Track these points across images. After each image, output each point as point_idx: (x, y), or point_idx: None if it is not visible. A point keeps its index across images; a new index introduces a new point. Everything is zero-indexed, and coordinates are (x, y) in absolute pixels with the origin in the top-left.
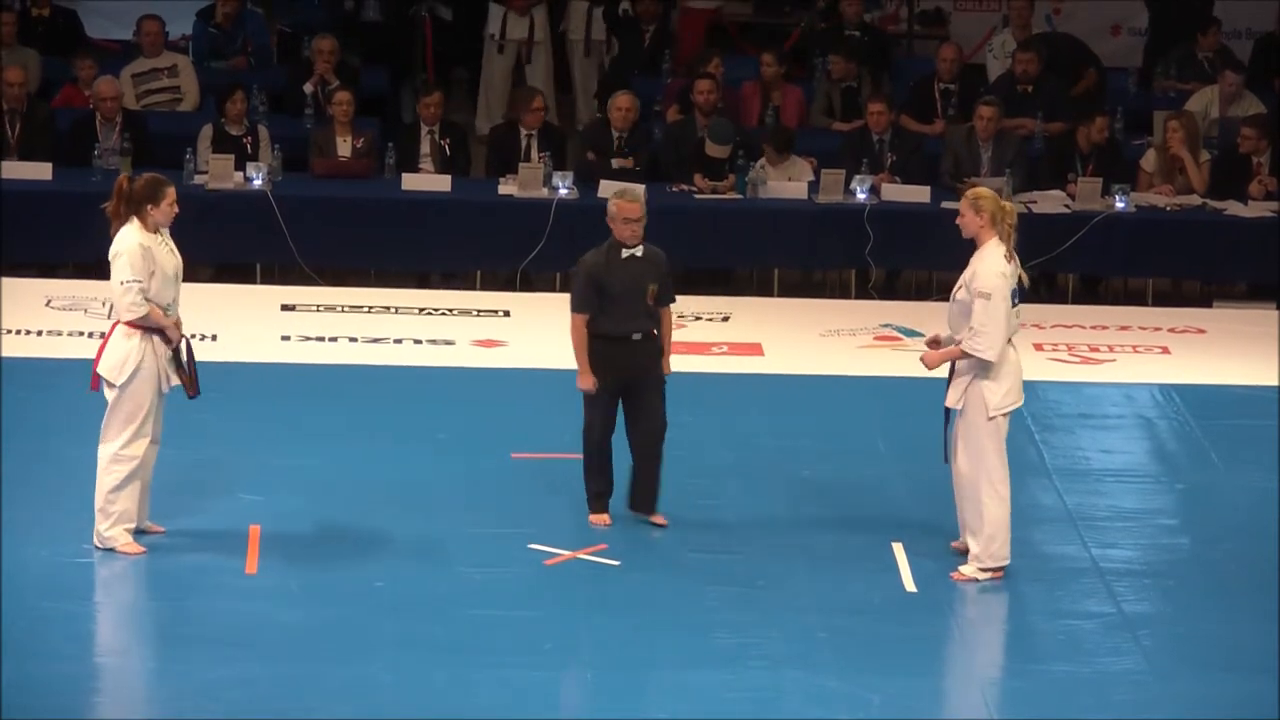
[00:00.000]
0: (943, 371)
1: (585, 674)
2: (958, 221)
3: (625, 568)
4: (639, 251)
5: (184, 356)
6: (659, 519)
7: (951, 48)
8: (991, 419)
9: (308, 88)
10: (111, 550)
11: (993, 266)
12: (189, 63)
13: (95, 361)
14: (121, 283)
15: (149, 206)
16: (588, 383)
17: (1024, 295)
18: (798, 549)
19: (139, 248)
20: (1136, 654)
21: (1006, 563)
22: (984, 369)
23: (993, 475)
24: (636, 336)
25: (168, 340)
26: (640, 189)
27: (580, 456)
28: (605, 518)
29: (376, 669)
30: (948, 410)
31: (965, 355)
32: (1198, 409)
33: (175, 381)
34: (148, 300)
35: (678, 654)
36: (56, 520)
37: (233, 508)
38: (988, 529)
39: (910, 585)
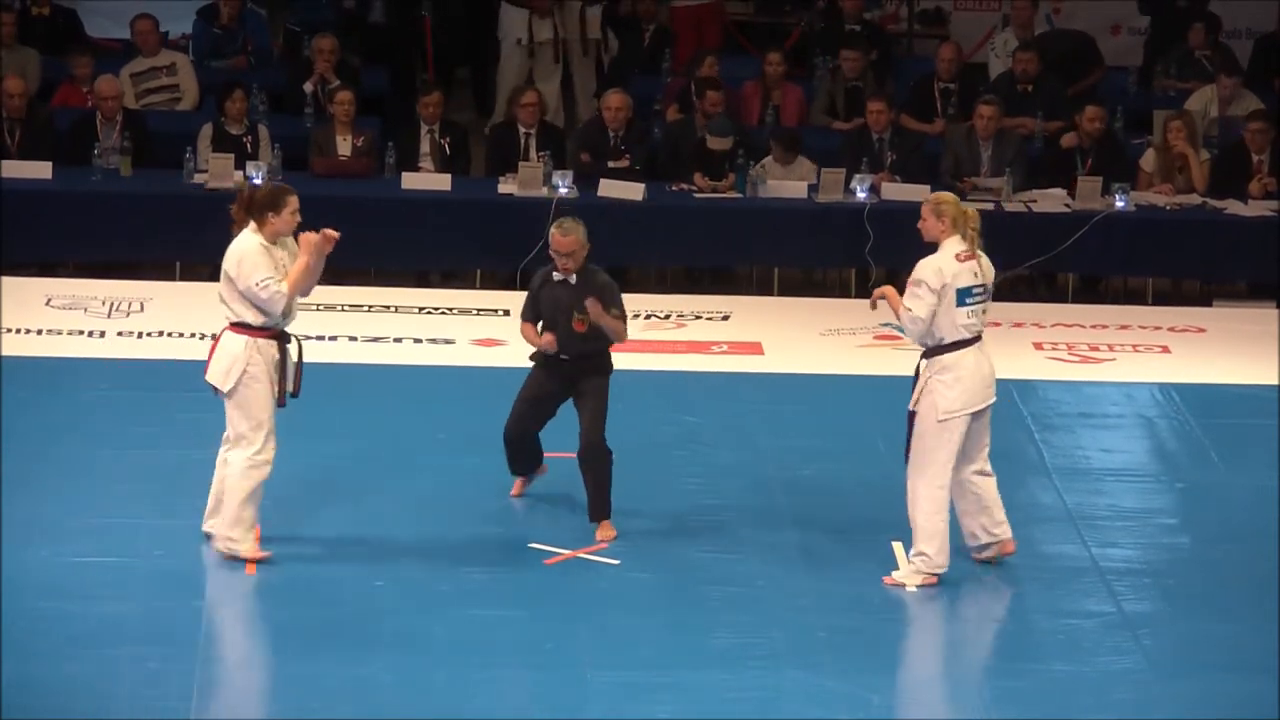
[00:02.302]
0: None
1: (585, 674)
2: (919, 226)
3: (625, 567)
4: (571, 279)
5: (292, 359)
6: (605, 531)
7: (951, 47)
8: (942, 421)
9: (308, 87)
10: (235, 557)
11: (933, 261)
12: (188, 62)
13: (205, 369)
14: (255, 284)
15: (269, 214)
16: (546, 340)
17: (996, 294)
18: (798, 549)
19: (259, 247)
20: (1136, 653)
21: (943, 570)
22: (941, 370)
23: (934, 479)
24: (564, 357)
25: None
26: (579, 226)
27: (575, 455)
28: (518, 484)
29: (376, 669)
30: (911, 413)
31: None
32: (1198, 408)
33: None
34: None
35: (678, 654)
36: (56, 520)
37: None
38: (928, 531)
39: (911, 587)
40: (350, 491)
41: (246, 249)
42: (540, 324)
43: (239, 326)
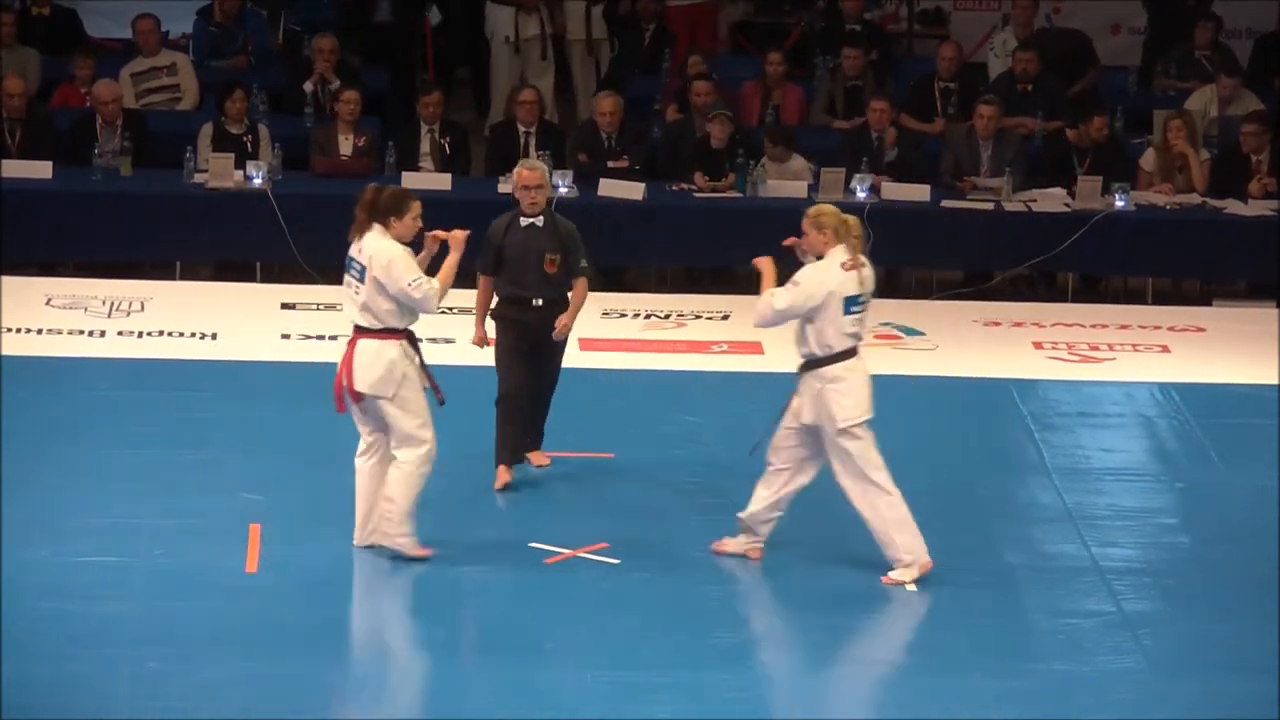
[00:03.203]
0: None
1: (585, 674)
2: (802, 243)
3: (625, 567)
4: (539, 221)
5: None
6: (540, 458)
7: (952, 46)
8: (842, 430)
9: (308, 87)
10: (400, 554)
11: (819, 269)
12: (188, 61)
13: (347, 380)
14: (409, 285)
15: (392, 219)
16: (477, 337)
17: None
18: (798, 548)
19: (402, 249)
20: (1136, 653)
21: (927, 558)
22: (834, 380)
23: (874, 480)
24: (537, 302)
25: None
26: (543, 164)
27: (581, 455)
28: (507, 474)
29: (376, 669)
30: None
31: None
32: (1197, 408)
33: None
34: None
35: (678, 654)
36: (56, 520)
37: (233, 508)
38: (892, 531)
39: (910, 585)
40: (350, 491)
41: (394, 252)
42: (502, 271)
43: (386, 333)
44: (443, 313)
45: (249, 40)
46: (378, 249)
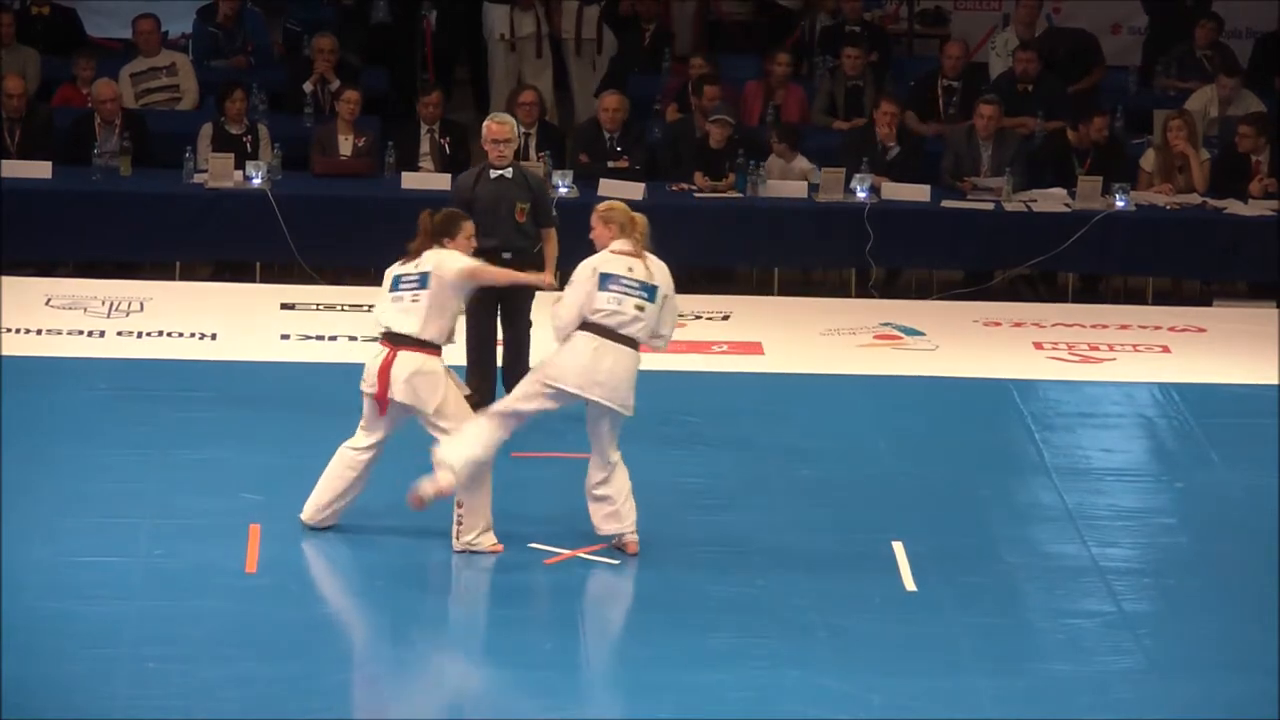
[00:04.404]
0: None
1: (585, 674)
2: (591, 236)
3: (625, 567)
4: (508, 172)
5: None
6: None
7: (958, 45)
8: (536, 381)
9: (308, 87)
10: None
11: (589, 260)
12: (188, 61)
13: (381, 388)
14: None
15: (446, 240)
16: None
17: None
18: (798, 548)
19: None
20: (1137, 653)
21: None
22: (565, 340)
23: (494, 408)
24: (506, 255)
25: None
26: (511, 118)
27: (581, 455)
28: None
29: (376, 669)
30: None
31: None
32: (1197, 408)
33: None
34: None
35: (678, 654)
36: (56, 520)
37: (233, 508)
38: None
39: (910, 585)
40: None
41: (465, 261)
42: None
43: (430, 348)
44: None
45: (249, 40)
46: (444, 257)
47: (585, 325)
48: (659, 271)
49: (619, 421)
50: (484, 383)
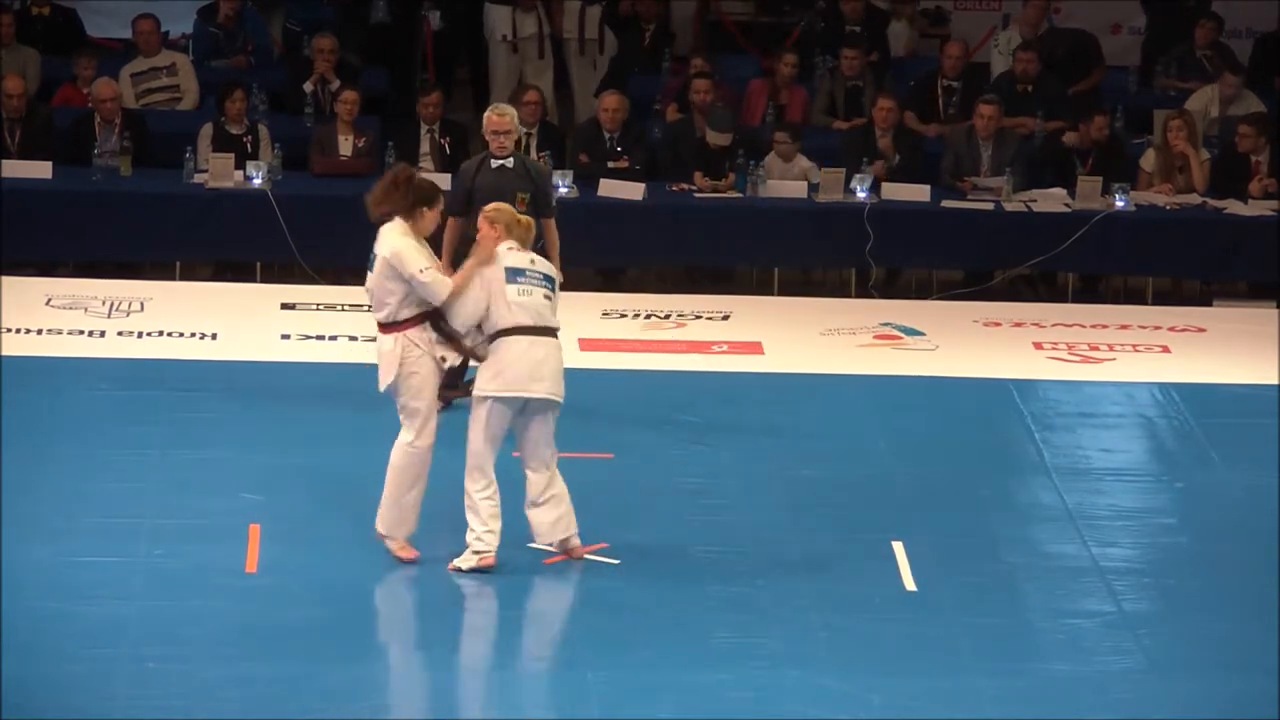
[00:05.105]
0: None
1: (585, 674)
2: (478, 238)
3: (625, 567)
4: (509, 162)
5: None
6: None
7: (958, 45)
8: (479, 399)
9: (308, 87)
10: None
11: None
12: (188, 61)
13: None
14: (420, 271)
15: (424, 208)
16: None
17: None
18: (798, 549)
19: (414, 240)
20: (1137, 653)
21: (490, 552)
22: (491, 352)
23: (471, 459)
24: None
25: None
26: (511, 108)
27: (581, 455)
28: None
29: (376, 669)
30: None
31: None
32: (1197, 408)
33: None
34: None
35: (678, 654)
36: (56, 520)
37: (233, 508)
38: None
39: (910, 585)
40: (350, 491)
41: (403, 244)
42: (471, 213)
43: (386, 326)
44: None
45: (249, 40)
46: (385, 243)
47: (506, 330)
48: (548, 265)
49: (556, 416)
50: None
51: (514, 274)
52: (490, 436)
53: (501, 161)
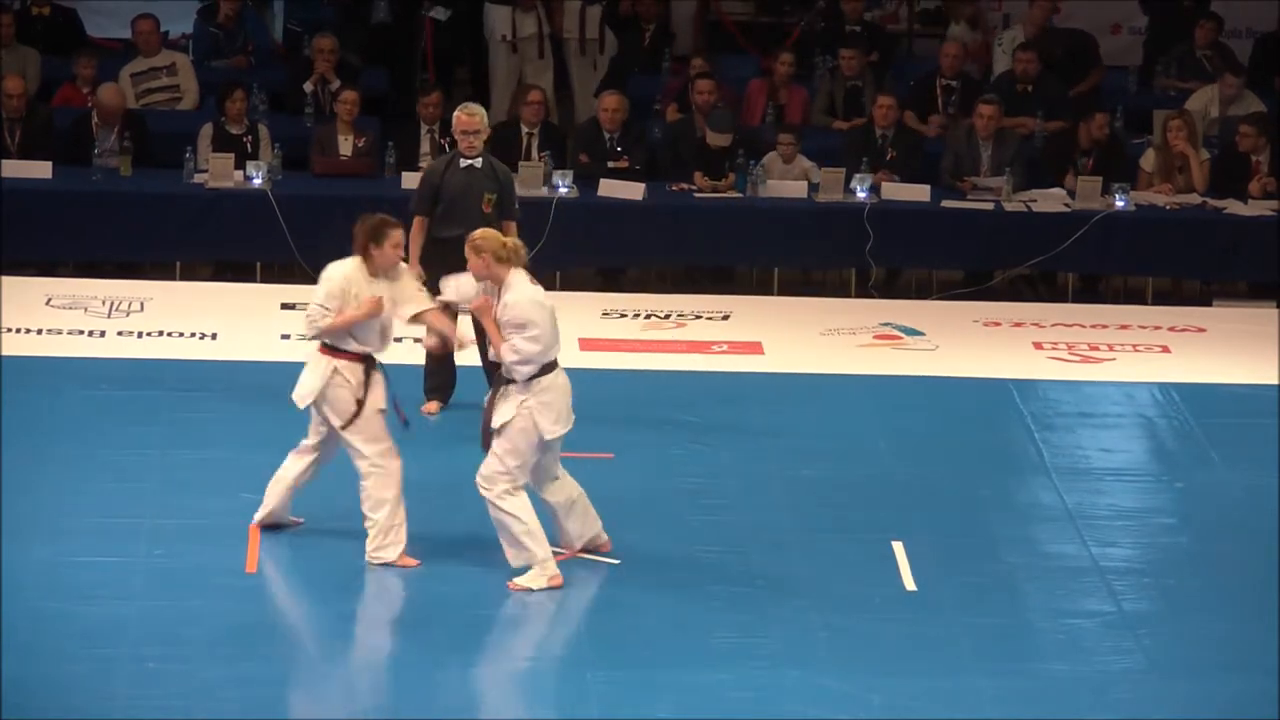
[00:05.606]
0: None
1: (585, 674)
2: (470, 270)
3: (625, 566)
4: (477, 163)
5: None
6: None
7: (956, 44)
8: (542, 441)
9: (308, 87)
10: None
11: (522, 295)
12: (188, 61)
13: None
14: (315, 303)
15: (372, 247)
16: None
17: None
18: (798, 549)
19: (343, 276)
20: (1136, 653)
21: (549, 560)
22: (541, 392)
23: (507, 482)
24: None
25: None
26: (481, 108)
27: (581, 455)
28: (435, 405)
29: (376, 669)
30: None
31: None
32: (1197, 408)
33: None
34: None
35: (678, 654)
36: (56, 520)
37: (233, 508)
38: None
39: (910, 585)
40: (350, 491)
41: (330, 275)
42: (437, 212)
43: (326, 349)
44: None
45: (249, 40)
46: (330, 268)
47: (547, 368)
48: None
49: None
50: (443, 376)
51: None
52: (526, 475)
53: (470, 161)
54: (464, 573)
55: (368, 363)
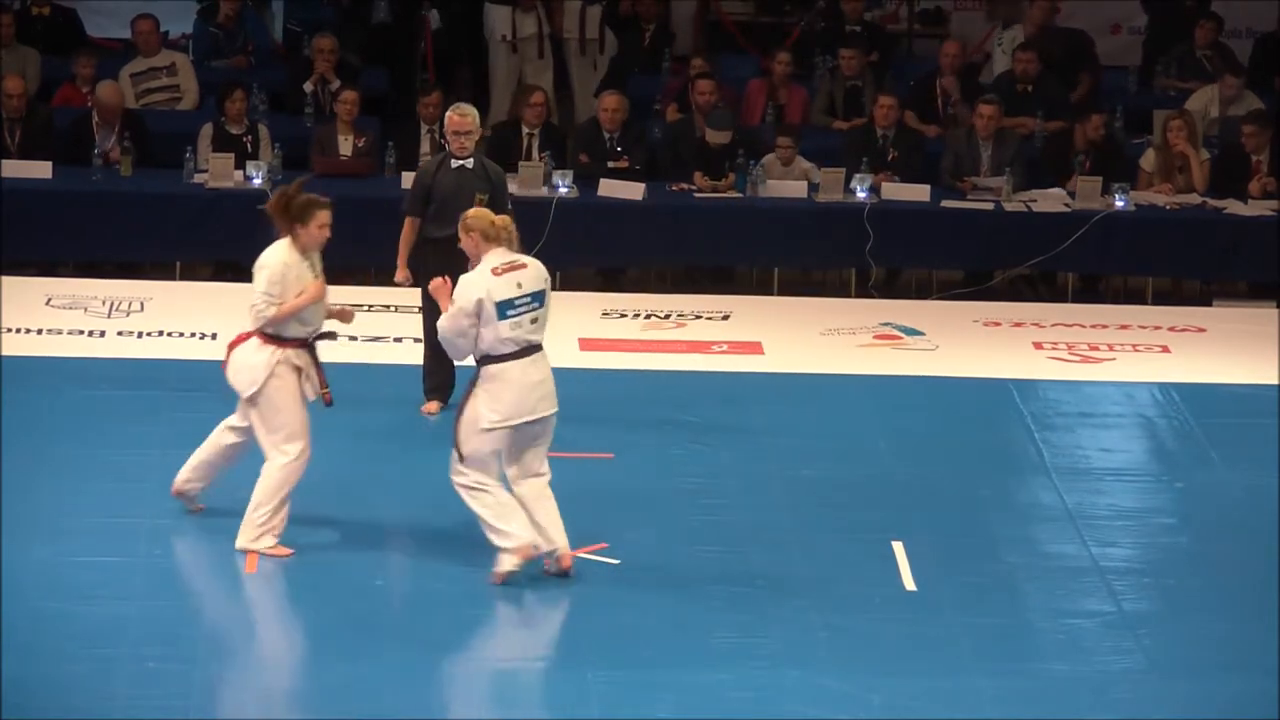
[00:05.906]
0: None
1: (585, 674)
2: (460, 245)
3: (625, 567)
4: (469, 163)
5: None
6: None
7: (956, 44)
8: (484, 430)
9: (308, 87)
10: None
11: (469, 279)
12: (188, 61)
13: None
14: (260, 293)
15: (298, 226)
16: (400, 276)
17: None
18: (798, 549)
19: (282, 264)
20: (1136, 653)
21: (526, 543)
22: (488, 380)
23: (468, 479)
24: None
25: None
26: (473, 109)
27: (581, 455)
28: (435, 405)
29: (376, 669)
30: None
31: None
32: (1197, 408)
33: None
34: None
35: (678, 654)
36: (56, 520)
37: (233, 508)
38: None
39: (910, 584)
40: (350, 491)
41: (267, 263)
42: (429, 212)
43: (260, 335)
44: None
45: (249, 40)
46: (263, 255)
47: (500, 356)
48: (539, 271)
49: (553, 426)
50: (441, 376)
51: (504, 307)
52: (490, 464)
53: (462, 162)
54: (463, 572)
55: (308, 347)
